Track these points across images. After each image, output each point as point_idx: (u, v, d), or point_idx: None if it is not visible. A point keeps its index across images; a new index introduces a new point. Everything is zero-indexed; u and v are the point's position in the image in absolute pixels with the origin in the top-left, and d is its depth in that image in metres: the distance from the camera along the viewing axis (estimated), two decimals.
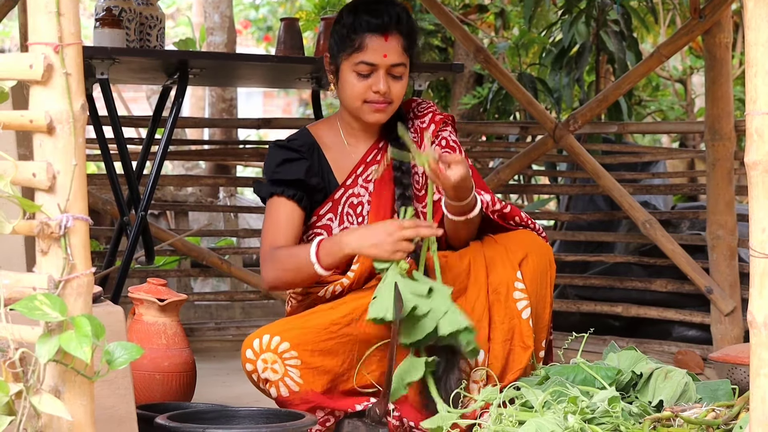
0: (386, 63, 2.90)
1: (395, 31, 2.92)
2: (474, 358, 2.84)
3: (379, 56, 2.90)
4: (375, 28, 2.91)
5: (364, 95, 2.92)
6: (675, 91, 8.05)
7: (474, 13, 6.91)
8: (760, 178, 1.74)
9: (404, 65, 2.94)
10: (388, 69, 2.91)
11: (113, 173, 4.10)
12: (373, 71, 2.91)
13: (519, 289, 2.90)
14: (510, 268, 2.91)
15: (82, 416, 1.68)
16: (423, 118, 3.08)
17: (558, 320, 3.08)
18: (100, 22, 3.95)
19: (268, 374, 2.81)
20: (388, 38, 2.91)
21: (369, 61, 2.90)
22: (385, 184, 3.00)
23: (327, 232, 2.99)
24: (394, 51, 2.91)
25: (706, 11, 4.36)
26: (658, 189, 5.13)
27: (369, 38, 2.90)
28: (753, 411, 1.76)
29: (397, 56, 2.91)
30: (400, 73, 2.93)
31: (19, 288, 1.67)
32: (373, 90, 2.91)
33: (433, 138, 3.02)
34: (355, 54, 2.90)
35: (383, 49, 2.90)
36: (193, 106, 10.63)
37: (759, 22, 1.73)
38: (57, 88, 1.66)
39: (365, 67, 2.90)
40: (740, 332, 4.42)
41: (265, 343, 2.81)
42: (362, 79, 2.91)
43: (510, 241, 2.96)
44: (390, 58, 2.91)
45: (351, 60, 2.91)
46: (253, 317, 5.52)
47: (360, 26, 2.91)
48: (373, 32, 2.90)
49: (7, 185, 1.65)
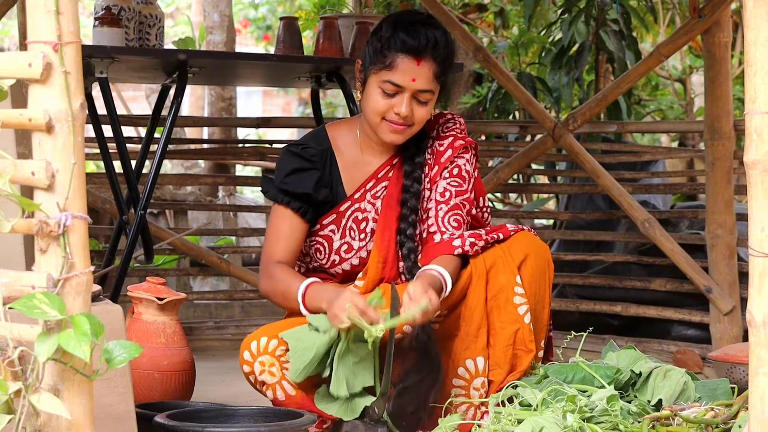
0: (414, 87, 2.80)
1: (429, 57, 2.81)
2: None
3: (407, 79, 2.79)
4: (409, 49, 2.80)
5: (384, 113, 2.83)
6: (674, 90, 8.06)
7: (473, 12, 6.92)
8: (759, 178, 1.73)
9: (432, 92, 2.84)
10: (414, 93, 2.81)
11: (112, 172, 4.10)
12: (398, 92, 2.81)
13: (518, 294, 2.88)
14: (509, 273, 2.88)
15: (81, 415, 1.68)
16: (443, 141, 2.98)
17: (557, 319, 3.08)
18: (100, 20, 3.95)
19: (265, 377, 2.80)
20: (420, 63, 2.80)
21: (397, 82, 2.80)
22: (392, 205, 2.95)
23: (328, 243, 2.97)
24: (424, 77, 2.80)
25: (705, 11, 4.36)
26: (658, 188, 5.14)
27: (401, 59, 2.80)
28: (752, 410, 1.76)
29: (426, 82, 2.81)
30: (427, 99, 2.84)
31: (18, 286, 1.67)
32: (395, 111, 2.82)
33: (447, 164, 2.95)
34: (384, 71, 2.80)
35: (413, 72, 2.80)
36: (192, 105, 10.64)
37: (758, 22, 1.73)
38: (56, 87, 1.66)
39: (392, 87, 2.80)
40: (739, 331, 4.43)
41: (262, 346, 2.80)
42: (386, 97, 2.82)
43: (509, 243, 2.93)
44: (419, 83, 2.80)
45: (379, 76, 2.82)
46: (253, 316, 5.52)
47: (394, 44, 2.80)
48: (407, 53, 2.80)
49: (6, 184, 1.65)
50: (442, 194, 2.93)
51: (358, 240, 2.97)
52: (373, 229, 2.97)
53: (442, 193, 2.93)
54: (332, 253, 2.97)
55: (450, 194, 2.93)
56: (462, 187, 2.94)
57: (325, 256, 2.98)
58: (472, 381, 2.87)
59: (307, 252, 3.02)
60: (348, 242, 2.97)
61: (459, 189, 2.94)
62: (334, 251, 2.97)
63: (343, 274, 3.00)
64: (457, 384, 2.87)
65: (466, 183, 2.95)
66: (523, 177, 5.95)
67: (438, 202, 2.93)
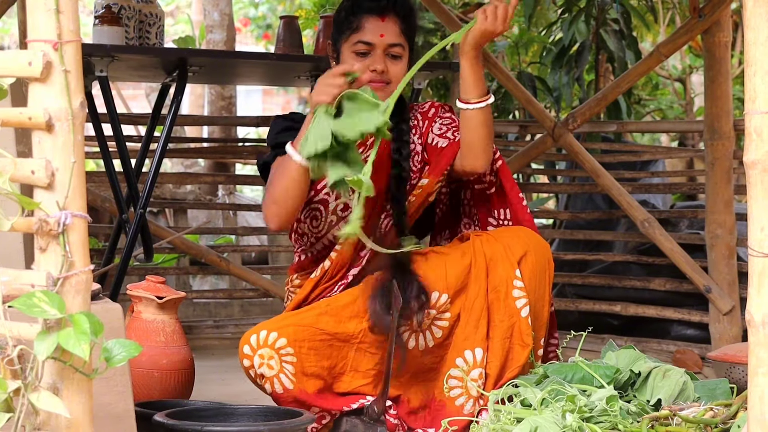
0: (383, 42, 2.97)
1: (392, 13, 2.99)
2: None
3: (375, 36, 2.97)
4: (372, 9, 2.99)
5: (362, 74, 2.93)
6: (674, 90, 8.06)
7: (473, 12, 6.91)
8: (758, 178, 1.73)
9: (402, 46, 3.00)
10: (385, 49, 2.98)
11: (112, 171, 4.10)
12: (370, 50, 2.97)
13: (518, 287, 2.90)
14: (509, 267, 2.91)
15: (80, 413, 1.68)
16: (423, 107, 3.17)
17: (557, 319, 3.08)
18: (100, 19, 3.95)
19: (264, 370, 2.82)
20: (385, 19, 2.99)
21: (366, 40, 2.97)
22: (382, 164, 2.99)
23: (324, 207, 3.02)
24: (391, 31, 2.98)
25: (705, 10, 4.36)
26: (657, 188, 5.13)
27: (366, 19, 2.98)
28: (751, 410, 1.76)
29: (394, 36, 2.98)
30: (399, 53, 3.00)
31: (18, 285, 1.67)
32: (370, 69, 2.96)
33: (435, 118, 3.10)
34: (353, 35, 2.98)
35: (380, 29, 2.97)
36: (192, 103, 10.63)
37: (758, 21, 1.73)
38: (56, 86, 1.66)
39: (363, 46, 2.97)
40: (738, 331, 4.43)
41: (262, 339, 2.83)
42: (361, 58, 2.97)
43: (509, 238, 2.96)
44: (387, 38, 2.98)
45: (350, 41, 2.98)
46: (252, 315, 5.52)
47: (358, 9, 2.99)
48: (370, 13, 2.98)
49: (6, 182, 1.65)
50: (439, 129, 3.09)
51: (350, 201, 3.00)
52: None
53: (439, 128, 3.10)
54: (329, 214, 3.02)
55: (446, 128, 3.09)
56: (455, 123, 3.09)
57: (322, 221, 3.01)
58: (469, 372, 2.89)
59: (303, 232, 3.04)
60: (343, 202, 3.00)
61: (452, 124, 3.09)
62: (331, 212, 3.02)
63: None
64: (455, 375, 2.88)
65: (457, 120, 3.08)
66: (522, 176, 5.95)
67: (436, 137, 3.08)
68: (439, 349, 2.92)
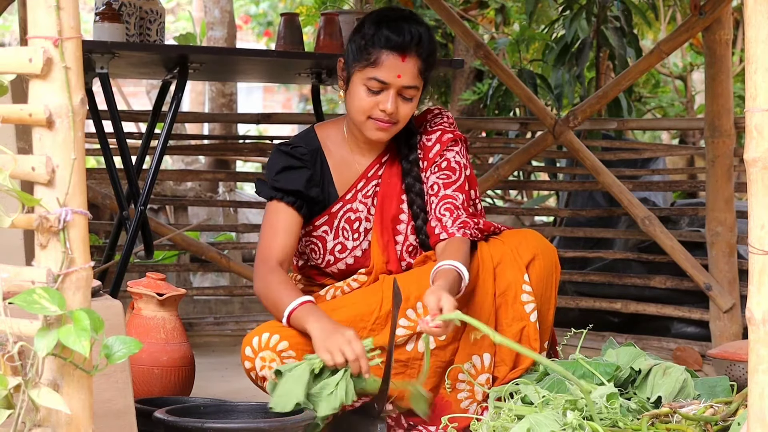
0: (399, 84, 2.81)
1: (414, 53, 2.82)
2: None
3: (392, 76, 2.81)
4: (393, 46, 2.81)
5: (370, 111, 2.84)
6: (675, 87, 8.05)
7: (474, 9, 6.92)
8: (759, 175, 1.73)
9: (417, 88, 2.85)
10: (399, 89, 2.82)
11: (113, 167, 4.10)
12: (383, 89, 2.82)
13: (526, 291, 2.89)
14: (518, 271, 2.89)
15: (81, 410, 1.68)
16: (430, 136, 2.99)
17: (557, 316, 3.08)
18: (100, 16, 3.95)
19: (265, 372, 2.80)
20: (405, 59, 2.81)
21: (382, 78, 2.81)
22: (388, 205, 2.97)
23: (321, 244, 2.98)
24: (409, 73, 2.82)
25: (706, 8, 4.36)
26: (658, 185, 5.13)
27: (386, 55, 2.81)
28: (751, 407, 1.76)
29: (411, 78, 2.82)
30: (411, 96, 2.85)
31: (18, 281, 1.67)
32: (380, 108, 2.82)
33: (436, 158, 2.96)
34: (369, 68, 2.81)
35: (398, 69, 2.81)
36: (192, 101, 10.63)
37: (759, 19, 1.73)
38: (56, 82, 1.66)
39: (377, 84, 2.81)
40: (739, 329, 4.42)
41: (264, 341, 2.80)
42: (371, 94, 2.82)
43: (517, 242, 2.94)
44: (404, 80, 2.82)
45: (364, 73, 2.82)
46: (252, 312, 5.52)
47: (378, 41, 2.81)
48: (391, 50, 2.81)
49: (6, 179, 1.65)
50: (431, 188, 2.95)
51: (352, 240, 2.98)
52: (367, 228, 2.98)
53: (432, 187, 2.95)
54: (326, 253, 2.99)
55: (438, 187, 2.94)
56: (451, 179, 2.95)
57: (320, 256, 2.99)
58: (477, 377, 2.88)
59: (303, 251, 3.02)
60: (342, 242, 2.97)
61: (447, 181, 2.94)
62: (328, 251, 2.98)
63: (339, 273, 3.01)
64: (462, 379, 2.88)
65: (456, 174, 2.95)
66: (523, 174, 5.96)
67: (429, 195, 2.95)
68: (442, 352, 2.91)
